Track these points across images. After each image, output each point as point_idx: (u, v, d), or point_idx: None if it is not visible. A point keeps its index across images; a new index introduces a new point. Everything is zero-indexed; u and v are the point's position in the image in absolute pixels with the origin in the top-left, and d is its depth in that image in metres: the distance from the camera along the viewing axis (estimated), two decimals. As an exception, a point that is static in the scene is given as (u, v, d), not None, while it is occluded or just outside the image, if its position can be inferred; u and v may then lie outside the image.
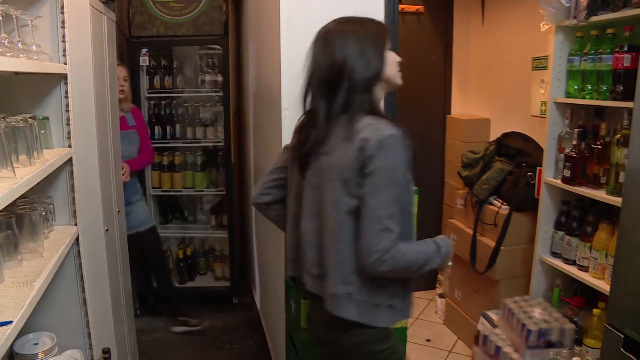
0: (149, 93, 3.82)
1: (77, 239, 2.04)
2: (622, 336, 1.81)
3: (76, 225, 2.05)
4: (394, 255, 1.45)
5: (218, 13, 3.62)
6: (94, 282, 2.22)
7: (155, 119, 3.90)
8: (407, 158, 1.50)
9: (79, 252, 2.05)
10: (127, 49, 3.76)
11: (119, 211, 2.75)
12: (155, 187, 3.99)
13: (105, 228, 2.35)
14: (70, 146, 2.02)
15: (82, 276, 2.06)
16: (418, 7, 4.04)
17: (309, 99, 1.63)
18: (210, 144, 4.06)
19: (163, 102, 3.91)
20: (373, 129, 1.48)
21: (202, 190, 4.11)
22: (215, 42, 3.75)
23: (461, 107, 4.18)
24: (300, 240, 1.66)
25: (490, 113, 3.86)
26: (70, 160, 2.01)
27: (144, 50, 3.65)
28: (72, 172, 2.03)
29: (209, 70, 3.90)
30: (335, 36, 1.59)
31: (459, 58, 4.14)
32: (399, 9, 3.89)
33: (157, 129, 3.89)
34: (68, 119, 2.01)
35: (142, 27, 3.61)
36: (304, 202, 1.63)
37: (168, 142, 3.93)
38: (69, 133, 2.01)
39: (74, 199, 2.05)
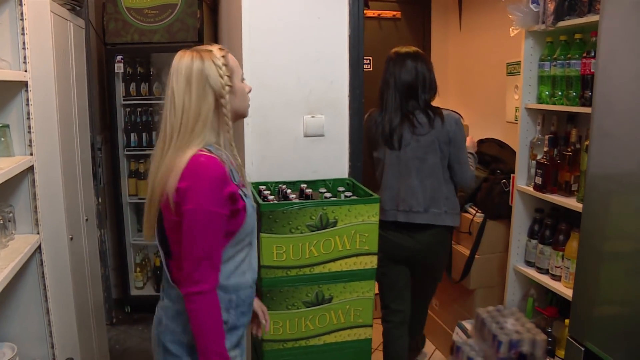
0: (124, 100, 3.79)
1: (39, 248, 2.01)
2: (583, 349, 1.75)
3: (39, 233, 2.02)
4: (472, 176, 2.73)
5: (192, 19, 3.61)
6: (58, 291, 2.19)
7: (131, 126, 3.86)
8: None
9: (41, 260, 2.02)
10: (104, 56, 3.73)
11: (87, 219, 2.72)
12: (132, 195, 3.95)
13: (70, 237, 2.32)
14: (32, 154, 1.99)
15: (45, 285, 2.02)
16: (395, 12, 4.02)
17: (391, 102, 2.59)
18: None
19: (139, 109, 3.88)
20: (451, 116, 2.60)
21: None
22: (190, 49, 3.72)
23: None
24: (406, 192, 2.57)
25: (468, 119, 3.84)
26: (31, 168, 1.98)
27: (118, 57, 3.62)
28: (34, 181, 2.00)
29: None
30: (419, 59, 2.67)
31: (437, 64, 4.05)
32: (376, 14, 3.93)
33: (133, 136, 3.85)
34: (29, 127, 1.98)
35: (117, 34, 3.59)
36: (407, 168, 2.57)
37: (144, 150, 3.87)
38: (30, 141, 1.99)
39: (36, 207, 2.02)
